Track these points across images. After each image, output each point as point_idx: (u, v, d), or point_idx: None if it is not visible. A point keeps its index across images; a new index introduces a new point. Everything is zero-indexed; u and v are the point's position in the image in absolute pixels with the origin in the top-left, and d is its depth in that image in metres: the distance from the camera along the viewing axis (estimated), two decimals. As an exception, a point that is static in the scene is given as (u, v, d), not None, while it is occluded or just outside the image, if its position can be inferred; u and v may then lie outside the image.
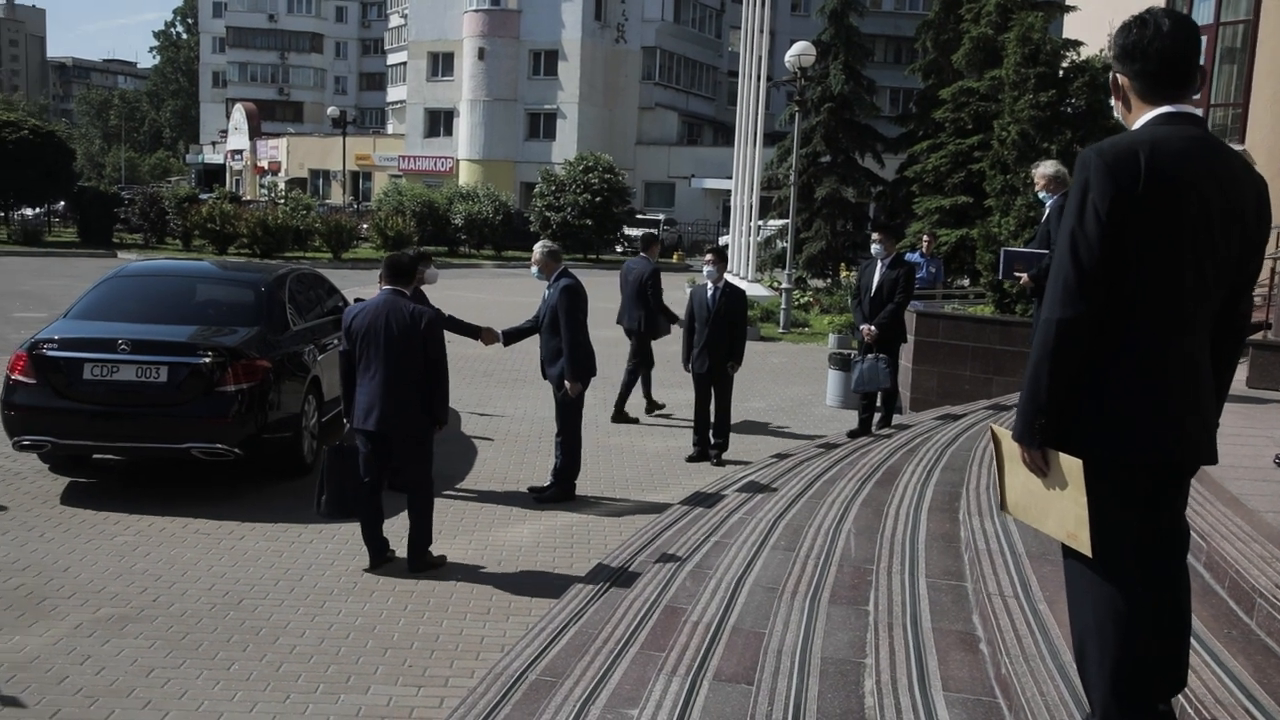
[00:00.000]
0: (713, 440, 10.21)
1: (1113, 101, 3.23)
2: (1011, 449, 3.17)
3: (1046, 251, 7.81)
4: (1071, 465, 3.00)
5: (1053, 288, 2.99)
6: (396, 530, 7.06)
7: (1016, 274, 8.20)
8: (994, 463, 3.35)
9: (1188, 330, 2.98)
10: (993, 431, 3.35)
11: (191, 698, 5.06)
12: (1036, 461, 3.07)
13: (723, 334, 10.09)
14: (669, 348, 16.44)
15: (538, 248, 8.81)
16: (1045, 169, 8.22)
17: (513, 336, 8.99)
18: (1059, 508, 3.06)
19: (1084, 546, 3.01)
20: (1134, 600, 3.04)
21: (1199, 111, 3.09)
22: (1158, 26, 2.99)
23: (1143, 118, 3.06)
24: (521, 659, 5.20)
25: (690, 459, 10.18)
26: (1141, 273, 2.93)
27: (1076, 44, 19.09)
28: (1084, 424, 3.03)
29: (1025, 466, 3.11)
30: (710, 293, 10.16)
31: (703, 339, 10.11)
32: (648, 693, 4.42)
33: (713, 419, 10.25)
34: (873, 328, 10.16)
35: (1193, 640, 4.00)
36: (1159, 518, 3.09)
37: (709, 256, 10.47)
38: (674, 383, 14.44)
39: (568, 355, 8.48)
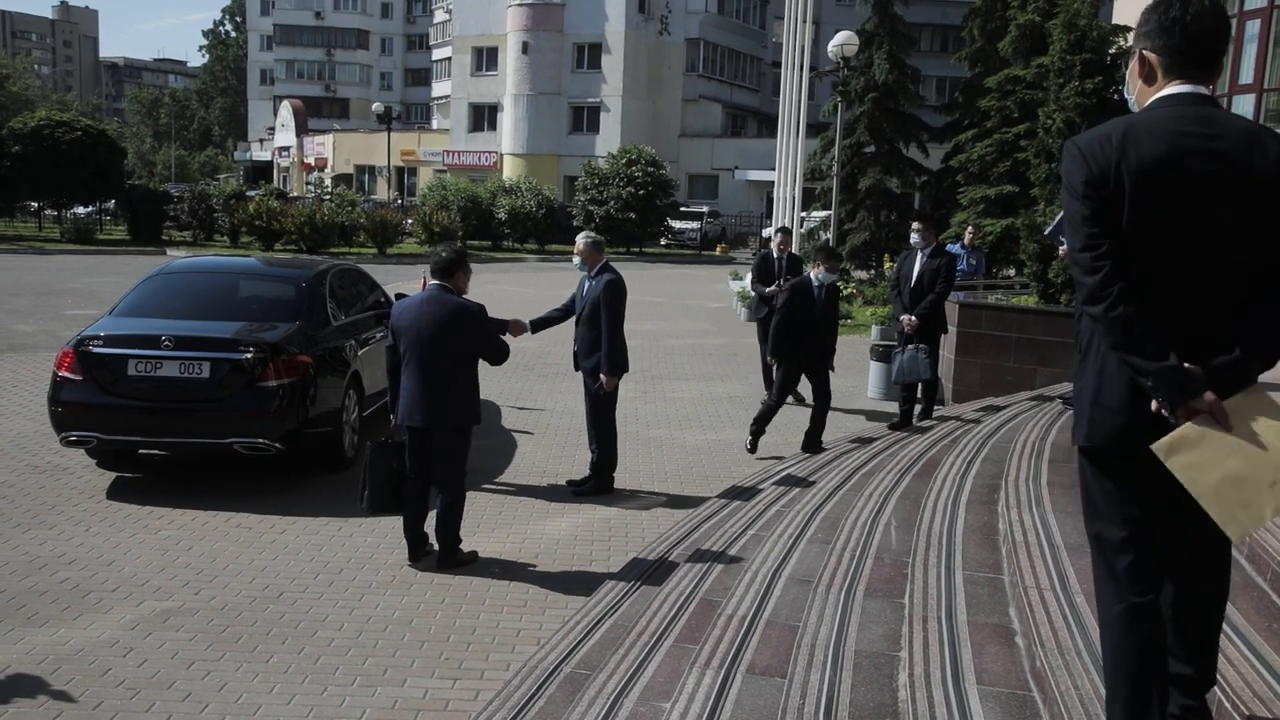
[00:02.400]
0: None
1: (1129, 81, 3.24)
2: (1182, 464, 2.87)
3: None
4: (1243, 404, 2.85)
5: (1076, 282, 3.06)
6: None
7: (1061, 239, 8.18)
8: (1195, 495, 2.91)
9: (1182, 310, 2.96)
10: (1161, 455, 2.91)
11: (231, 690, 5.12)
12: (1216, 411, 2.88)
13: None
14: (711, 341, 16.45)
15: (581, 238, 8.78)
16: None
17: (540, 325, 8.90)
18: (1267, 461, 2.82)
19: None
20: (1130, 601, 3.06)
21: (1207, 90, 3.08)
22: (1196, 5, 3.03)
23: (1150, 99, 3.10)
24: (556, 652, 5.21)
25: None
26: (1127, 250, 2.96)
27: (1125, 29, 18.80)
28: (1076, 408, 3.14)
29: (1211, 450, 2.87)
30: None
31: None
32: (681, 685, 4.42)
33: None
34: (913, 318, 10.09)
35: (1231, 634, 3.96)
36: (1172, 516, 3.05)
37: (820, 263, 10.40)
38: (722, 375, 14.45)
39: (607, 349, 8.47)
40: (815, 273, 10.20)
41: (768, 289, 12.28)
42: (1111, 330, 2.94)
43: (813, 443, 9.89)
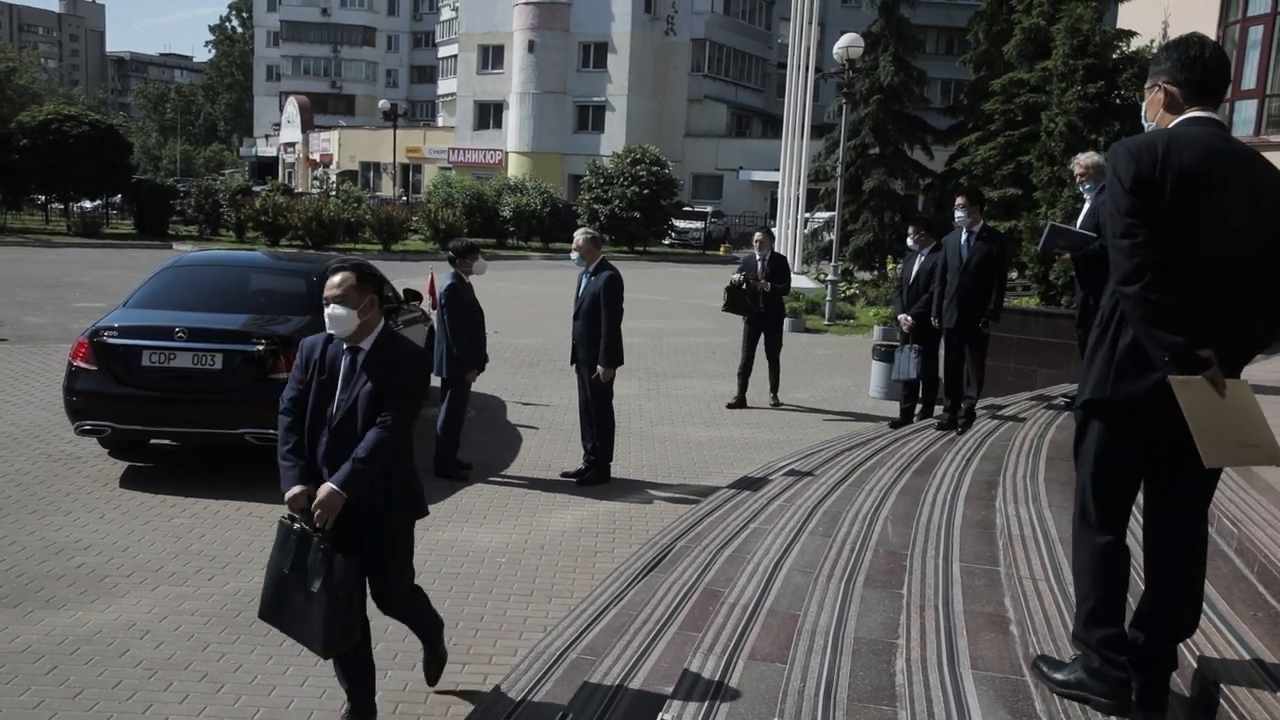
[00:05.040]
0: (949, 400, 9.98)
1: (1148, 109, 3.76)
2: (1188, 399, 3.36)
3: (1095, 235, 7.64)
4: (1239, 386, 3.43)
5: (1112, 264, 3.50)
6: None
7: (1058, 250, 8.20)
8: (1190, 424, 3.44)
9: (1201, 291, 3.44)
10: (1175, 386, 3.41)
11: (246, 671, 5.26)
12: (1217, 379, 3.38)
13: (976, 287, 9.56)
14: (714, 339, 16.53)
15: (579, 234, 8.97)
16: (1085, 158, 8.23)
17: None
18: (1246, 424, 3.42)
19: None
20: (1121, 548, 3.61)
21: (1219, 117, 3.65)
22: (1212, 46, 3.61)
23: (1173, 121, 3.60)
24: (563, 638, 5.35)
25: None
26: (1159, 241, 3.42)
27: (1129, 34, 18.91)
28: (1090, 372, 3.61)
29: (1210, 399, 3.37)
30: (964, 239, 9.69)
31: (953, 289, 9.64)
32: (684, 670, 4.54)
33: (957, 377, 9.93)
34: (908, 317, 10.23)
35: (1219, 622, 4.09)
36: (1172, 474, 3.58)
37: (961, 199, 9.76)
38: (725, 374, 14.53)
39: (607, 342, 8.67)
40: (959, 214, 9.66)
41: (742, 282, 12.40)
42: (1142, 307, 3.39)
43: (966, 419, 9.70)
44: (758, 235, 12.95)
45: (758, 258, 12.60)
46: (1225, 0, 19.00)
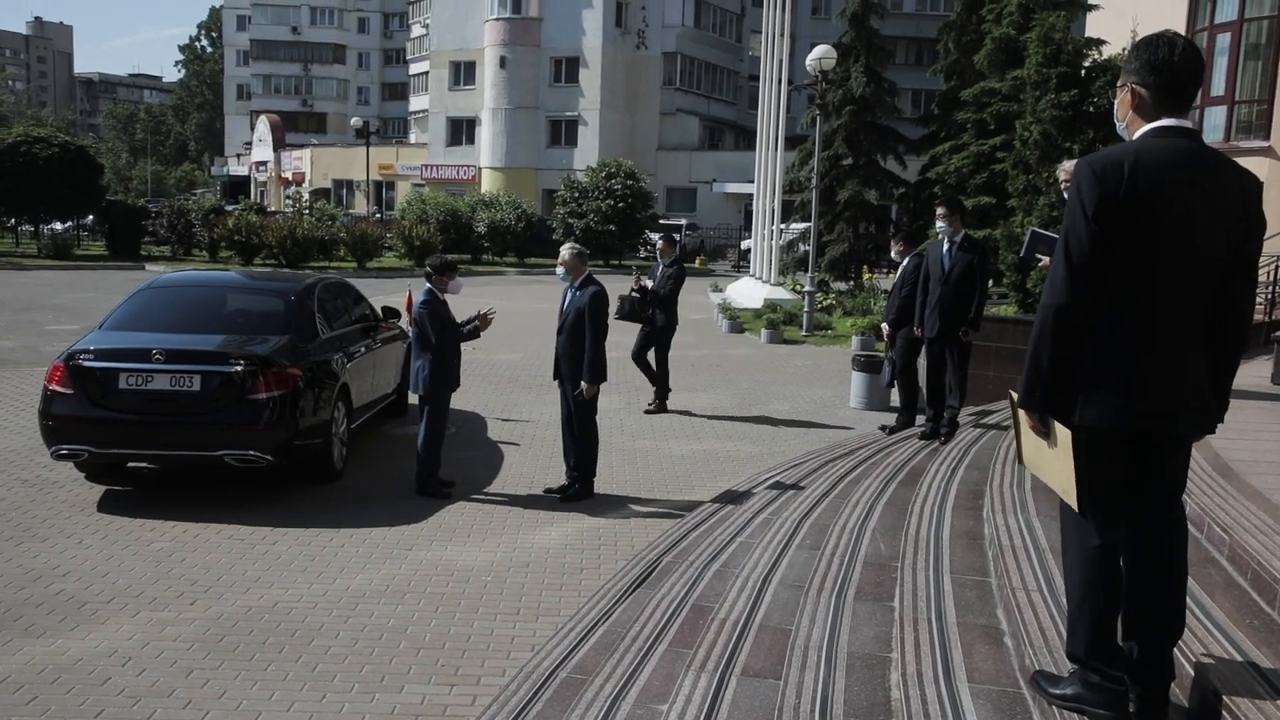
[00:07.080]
0: (931, 410, 10.00)
1: (1119, 109, 3.66)
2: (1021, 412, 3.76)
3: None
4: (1063, 433, 3.56)
5: (1050, 277, 3.53)
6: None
7: (1039, 255, 8.29)
8: (1012, 422, 3.96)
9: (1166, 314, 3.46)
10: (1010, 395, 3.86)
11: (231, 697, 5.17)
12: (1036, 426, 3.64)
13: (957, 296, 9.62)
14: (693, 352, 16.48)
15: (565, 249, 8.93)
16: (1071, 165, 8.27)
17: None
18: (1057, 467, 3.66)
19: (1072, 502, 3.60)
20: (1113, 554, 3.60)
21: (1190, 124, 3.59)
22: (1182, 47, 3.49)
23: (1142, 129, 3.54)
24: (552, 657, 5.29)
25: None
26: (1123, 263, 3.42)
27: (1098, 43, 19.03)
28: (1066, 394, 3.58)
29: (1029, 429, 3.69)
30: (946, 249, 9.77)
31: (934, 299, 9.72)
32: (677, 688, 4.51)
33: (940, 387, 9.98)
34: (884, 325, 10.31)
35: (1214, 630, 4.08)
36: (1143, 481, 3.61)
37: (941, 210, 9.83)
38: (705, 386, 14.51)
39: (591, 358, 8.62)
40: (940, 224, 9.71)
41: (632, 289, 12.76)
42: (1060, 329, 3.46)
43: (949, 428, 9.74)
44: (660, 242, 13.22)
45: (661, 263, 12.90)
46: (1193, 7, 19.19)
